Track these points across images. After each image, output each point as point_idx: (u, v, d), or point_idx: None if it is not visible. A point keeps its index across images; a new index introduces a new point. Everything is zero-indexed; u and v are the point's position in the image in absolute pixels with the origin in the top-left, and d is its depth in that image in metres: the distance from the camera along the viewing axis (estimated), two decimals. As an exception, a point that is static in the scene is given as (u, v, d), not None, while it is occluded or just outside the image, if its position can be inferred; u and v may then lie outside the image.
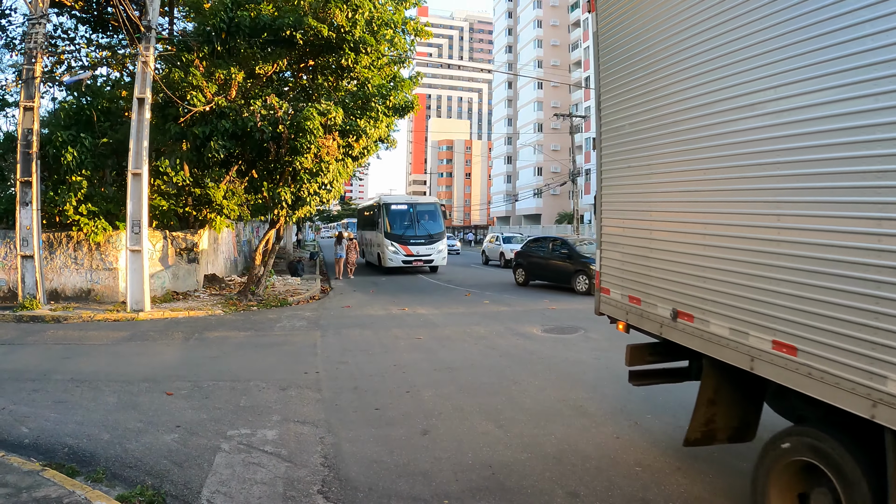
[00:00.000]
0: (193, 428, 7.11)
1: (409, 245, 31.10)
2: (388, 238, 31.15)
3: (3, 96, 21.40)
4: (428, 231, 32.02)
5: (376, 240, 33.50)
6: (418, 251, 31.15)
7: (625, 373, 9.66)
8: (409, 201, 34.25)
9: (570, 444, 6.59)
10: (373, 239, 34.84)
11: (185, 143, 17.35)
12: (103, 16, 21.21)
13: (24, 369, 10.08)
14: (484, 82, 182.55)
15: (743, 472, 5.73)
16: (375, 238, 33.81)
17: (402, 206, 33.05)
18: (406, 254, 30.85)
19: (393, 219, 31.96)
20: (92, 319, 15.35)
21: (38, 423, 7.23)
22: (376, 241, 33.30)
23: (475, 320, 15.55)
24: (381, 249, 32.12)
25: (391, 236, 31.21)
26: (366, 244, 37.47)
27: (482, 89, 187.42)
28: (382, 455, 6.31)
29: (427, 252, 31.33)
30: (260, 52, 17.56)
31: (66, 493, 5.09)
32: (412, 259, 30.94)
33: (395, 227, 31.62)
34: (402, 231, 31.45)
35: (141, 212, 16.24)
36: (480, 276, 30.39)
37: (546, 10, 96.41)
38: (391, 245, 30.96)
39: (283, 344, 12.74)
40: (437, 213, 33.42)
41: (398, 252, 30.79)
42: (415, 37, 20.39)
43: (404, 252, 30.81)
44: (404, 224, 31.80)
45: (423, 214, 32.67)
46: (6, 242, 17.46)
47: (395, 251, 30.86)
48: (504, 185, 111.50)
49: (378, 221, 32.79)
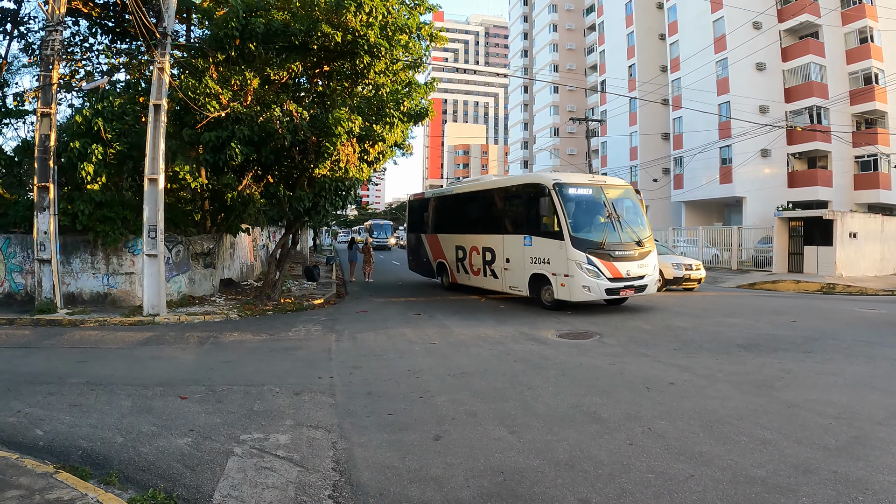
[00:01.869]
0: (207, 432, 7.13)
1: (615, 261, 17.65)
2: (579, 248, 17.37)
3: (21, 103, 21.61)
4: (636, 235, 18.70)
5: (525, 250, 19.27)
6: (629, 270, 17.87)
7: (639, 378, 9.66)
8: (593, 182, 19.49)
9: (582, 449, 6.54)
10: (505, 248, 20.52)
11: (201, 149, 17.43)
12: (119, 23, 21.39)
13: (40, 372, 10.17)
14: (500, 87, 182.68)
15: (757, 479, 5.68)
16: (514, 247, 19.94)
17: (586, 190, 18.74)
18: (612, 275, 17.51)
19: (578, 213, 18.27)
20: (108, 323, 15.45)
21: (53, 426, 7.28)
22: (528, 253, 19.18)
23: (490, 325, 15.50)
24: (545, 267, 18.46)
25: (584, 244, 17.46)
26: (465, 260, 23.11)
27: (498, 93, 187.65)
28: (394, 460, 6.29)
29: (640, 271, 18.17)
30: (275, 57, 17.61)
31: (79, 495, 5.12)
32: (622, 284, 17.73)
33: (584, 228, 17.99)
34: (599, 235, 17.77)
35: (157, 217, 16.34)
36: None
37: (561, 14, 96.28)
38: (585, 262, 17.26)
39: (298, 348, 12.75)
40: (637, 203, 19.73)
41: (599, 273, 17.32)
42: (430, 42, 20.32)
43: (608, 272, 17.44)
44: (597, 223, 18.25)
45: (622, 206, 19.11)
46: (24, 247, 17.64)
47: (594, 271, 17.30)
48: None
49: (532, 217, 19.04)
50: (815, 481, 5.62)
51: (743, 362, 10.95)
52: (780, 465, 6.02)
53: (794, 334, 13.89)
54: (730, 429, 7.12)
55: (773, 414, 7.71)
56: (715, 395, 8.62)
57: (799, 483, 5.58)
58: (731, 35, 49.26)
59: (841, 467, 5.95)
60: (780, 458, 6.19)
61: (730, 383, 9.34)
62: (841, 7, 48.85)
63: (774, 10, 49.67)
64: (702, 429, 7.12)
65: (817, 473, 5.80)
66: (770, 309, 18.67)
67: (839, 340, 13.11)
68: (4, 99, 21.79)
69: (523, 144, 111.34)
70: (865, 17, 47.14)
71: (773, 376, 9.82)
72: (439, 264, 25.35)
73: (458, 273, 23.76)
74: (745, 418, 7.51)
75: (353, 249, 32.15)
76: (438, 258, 25.32)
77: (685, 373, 10.11)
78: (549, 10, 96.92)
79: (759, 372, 10.14)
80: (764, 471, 5.87)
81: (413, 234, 28.59)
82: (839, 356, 11.53)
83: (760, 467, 5.95)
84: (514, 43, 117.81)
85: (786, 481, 5.62)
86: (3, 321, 15.44)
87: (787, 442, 6.67)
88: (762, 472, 5.84)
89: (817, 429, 7.12)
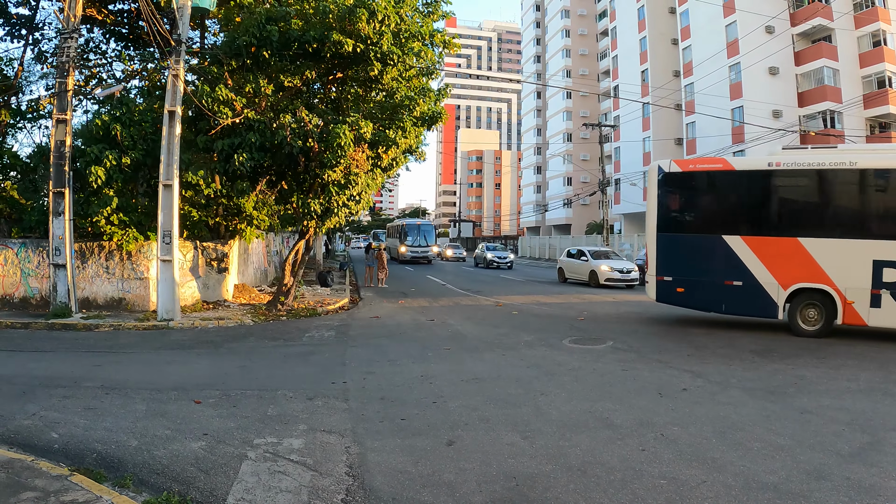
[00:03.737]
0: (220, 436, 7.16)
1: None
2: None
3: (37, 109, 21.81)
4: None
5: None
6: None
7: (652, 384, 9.64)
8: None
9: (594, 455, 6.54)
10: None
11: (215, 156, 17.53)
12: (133, 30, 21.57)
13: (55, 376, 10.23)
14: (513, 92, 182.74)
15: (769, 485, 5.66)
16: None
17: None
18: None
19: None
20: (123, 328, 15.54)
21: (68, 429, 7.33)
22: None
23: (503, 331, 15.50)
24: None
25: None
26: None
27: (511, 99, 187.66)
28: (407, 465, 6.30)
29: None
30: (289, 64, 17.69)
31: (93, 497, 5.17)
32: None
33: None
34: None
35: (172, 222, 16.43)
36: (494, 280, 30.23)
37: (574, 19, 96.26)
38: None
39: (312, 354, 12.78)
40: None
41: None
42: (443, 49, 20.36)
43: None
44: None
45: None
46: (39, 252, 17.76)
47: None
48: (534, 196, 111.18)
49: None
50: (828, 487, 5.60)
51: (756, 368, 10.94)
52: (792, 471, 6.01)
53: (806, 340, 13.83)
54: (742, 435, 7.11)
55: (785, 420, 7.70)
56: (728, 401, 8.61)
57: (811, 489, 5.57)
58: (744, 39, 49.15)
59: (854, 473, 5.93)
60: (793, 464, 6.17)
61: (743, 389, 9.33)
62: (853, 10, 48.61)
63: (787, 14, 49.54)
64: (714, 435, 7.11)
65: (830, 479, 5.79)
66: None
67: (851, 346, 13.05)
68: (20, 104, 22.01)
69: (536, 150, 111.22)
70: (878, 20, 46.92)
71: (786, 382, 9.80)
72: (801, 292, 15.01)
73: (878, 309, 13.98)
74: (758, 424, 7.51)
75: (370, 255, 32.35)
76: (799, 280, 14.94)
77: (698, 379, 10.10)
78: (562, 15, 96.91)
79: (772, 378, 10.13)
80: (776, 477, 5.85)
81: (692, 234, 16.90)
82: (852, 362, 11.50)
83: (773, 473, 5.94)
84: (526, 48, 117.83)
85: (798, 487, 5.60)
86: (18, 325, 15.56)
87: (800, 448, 6.66)
88: (775, 478, 5.83)
89: (830, 435, 7.11)
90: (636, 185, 60.59)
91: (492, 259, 47.88)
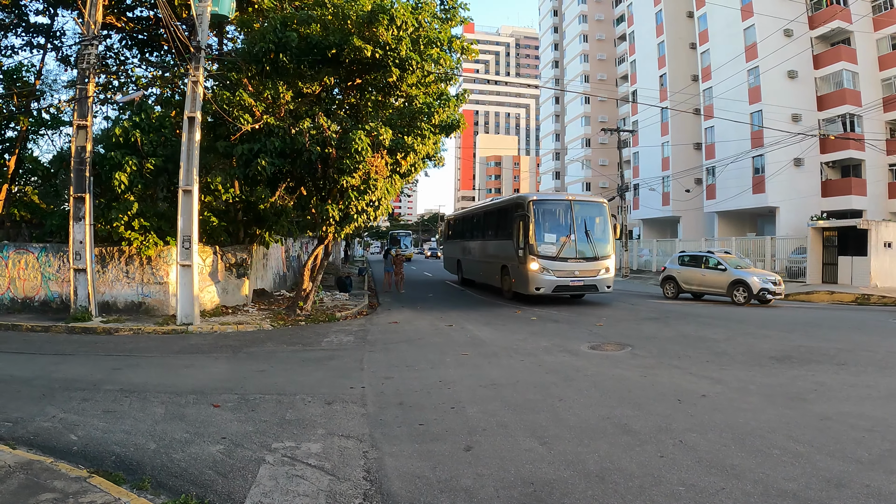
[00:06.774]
0: (239, 440, 7.19)
1: None
2: None
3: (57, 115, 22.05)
4: None
5: None
6: None
7: (671, 390, 9.59)
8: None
9: (612, 461, 6.50)
10: None
11: (234, 161, 17.63)
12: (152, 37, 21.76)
13: (74, 379, 10.33)
14: (531, 98, 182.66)
15: (788, 492, 5.62)
16: None
17: None
18: None
19: None
20: (142, 332, 15.65)
21: (87, 432, 7.40)
22: None
23: (521, 337, 15.45)
24: None
25: None
26: None
27: (529, 105, 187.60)
28: (425, 470, 6.30)
29: None
30: (308, 70, 17.75)
31: (112, 499, 5.21)
32: None
33: None
34: None
35: (191, 227, 16.54)
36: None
37: (591, 24, 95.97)
38: None
39: (330, 359, 12.79)
40: None
41: None
42: (461, 55, 20.37)
43: None
44: None
45: None
46: (59, 256, 17.96)
47: None
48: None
49: None
50: (848, 495, 5.54)
51: (775, 374, 10.84)
52: (812, 478, 5.95)
53: (827, 346, 13.72)
54: (761, 441, 7.04)
55: (805, 427, 7.62)
56: (747, 408, 8.54)
57: (831, 497, 5.51)
58: (762, 43, 48.80)
59: (874, 481, 5.87)
60: (812, 472, 6.11)
61: (762, 396, 9.25)
62: (872, 13, 48.19)
63: (805, 18, 49.14)
64: (733, 441, 7.06)
65: (850, 487, 5.72)
66: (804, 321, 18.45)
67: (873, 352, 12.92)
68: (40, 110, 22.26)
69: (555, 155, 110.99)
70: (897, 21, 46.51)
71: (805, 389, 9.71)
72: None
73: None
74: (777, 431, 7.44)
75: (388, 260, 32.53)
76: None
77: (717, 385, 10.02)
78: (580, 20, 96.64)
79: (791, 384, 10.03)
80: (796, 484, 5.80)
81: None
82: (872, 368, 11.37)
83: (792, 481, 5.89)
84: (544, 54, 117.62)
85: (818, 495, 5.55)
86: (38, 328, 15.73)
87: (820, 455, 6.59)
88: (794, 485, 5.78)
89: (850, 442, 7.03)
90: (654, 191, 60.35)
91: None
